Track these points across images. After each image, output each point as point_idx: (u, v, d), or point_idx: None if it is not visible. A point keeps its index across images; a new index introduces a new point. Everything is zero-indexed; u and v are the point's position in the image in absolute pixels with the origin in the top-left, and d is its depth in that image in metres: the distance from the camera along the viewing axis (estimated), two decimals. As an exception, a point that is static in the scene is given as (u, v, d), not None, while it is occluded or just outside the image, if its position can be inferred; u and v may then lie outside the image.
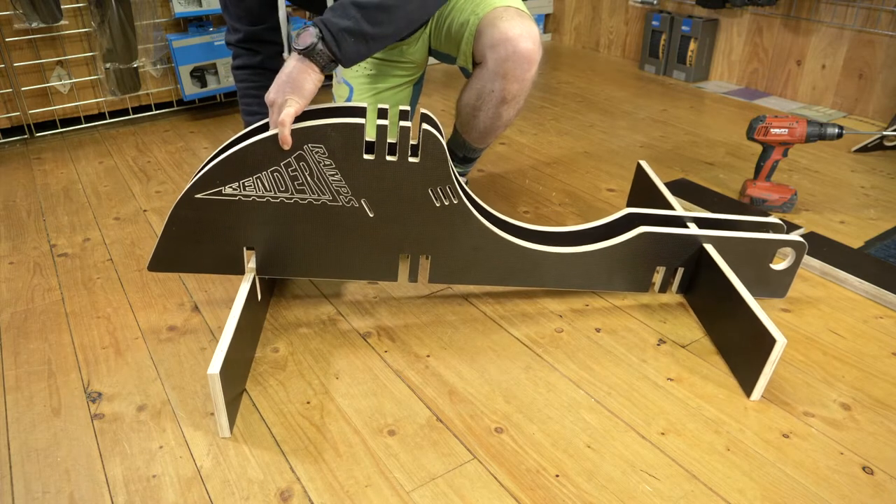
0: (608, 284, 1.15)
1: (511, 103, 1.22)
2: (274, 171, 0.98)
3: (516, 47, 1.13)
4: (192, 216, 1.01)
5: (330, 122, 0.95)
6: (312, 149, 0.96)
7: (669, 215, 1.19)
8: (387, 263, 1.09)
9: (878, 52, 2.04)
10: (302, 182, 0.99)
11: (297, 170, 0.98)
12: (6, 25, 1.84)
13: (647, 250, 1.12)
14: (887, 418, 0.94)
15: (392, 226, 1.05)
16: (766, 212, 1.50)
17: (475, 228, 1.07)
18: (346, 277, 1.10)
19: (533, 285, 1.15)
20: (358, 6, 0.96)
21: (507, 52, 1.14)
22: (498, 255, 1.10)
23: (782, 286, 1.18)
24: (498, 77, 1.17)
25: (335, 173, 0.99)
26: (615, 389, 1.00)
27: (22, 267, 1.33)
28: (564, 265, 1.12)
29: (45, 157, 1.86)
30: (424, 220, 1.05)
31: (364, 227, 1.04)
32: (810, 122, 1.42)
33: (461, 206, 1.04)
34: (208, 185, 0.98)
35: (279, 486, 0.84)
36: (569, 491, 0.83)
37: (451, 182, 1.02)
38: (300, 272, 1.09)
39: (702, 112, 2.20)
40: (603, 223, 1.18)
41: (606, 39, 2.90)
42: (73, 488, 0.84)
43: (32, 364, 1.06)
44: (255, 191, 0.99)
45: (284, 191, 1.00)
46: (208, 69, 2.10)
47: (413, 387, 1.00)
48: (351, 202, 1.02)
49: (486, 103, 1.23)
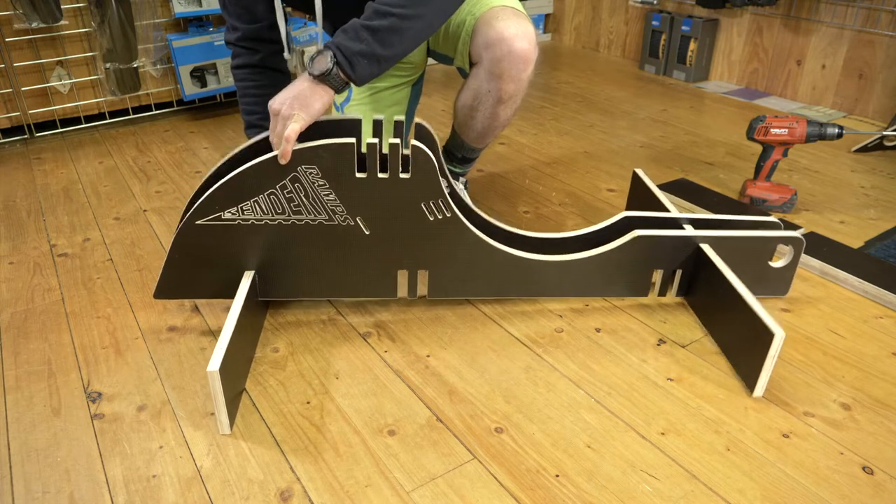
0: (607, 290, 1.16)
1: (508, 103, 1.22)
2: (270, 194, 1.00)
3: (511, 47, 1.13)
4: (193, 243, 1.03)
5: (321, 143, 0.97)
6: (306, 170, 0.98)
7: (666, 217, 1.19)
8: (385, 280, 1.10)
9: (878, 52, 2.04)
10: (298, 203, 1.01)
11: (292, 191, 1.00)
12: (6, 25, 1.84)
13: (642, 254, 1.13)
14: (887, 418, 0.94)
15: (388, 242, 1.06)
16: (766, 212, 1.50)
17: (470, 241, 1.08)
18: (346, 296, 1.13)
19: (532, 294, 1.16)
20: (369, 29, 0.97)
21: (503, 52, 1.14)
22: (495, 266, 1.11)
23: (783, 283, 1.18)
24: (494, 77, 1.17)
25: (330, 193, 1.01)
26: (615, 389, 1.00)
27: (22, 267, 1.33)
28: (561, 273, 1.13)
29: (45, 157, 1.86)
30: (419, 235, 1.06)
31: (361, 245, 1.06)
32: (810, 122, 1.42)
33: (455, 220, 1.05)
34: (208, 212, 1.01)
35: (279, 486, 0.84)
36: (569, 491, 0.83)
37: (443, 196, 1.03)
38: (301, 293, 1.11)
39: (702, 112, 2.20)
40: (599, 228, 1.18)
41: (606, 39, 2.90)
42: (73, 488, 0.84)
43: (32, 364, 1.06)
44: (253, 214, 1.01)
45: (281, 213, 1.02)
46: (208, 69, 2.10)
47: (413, 387, 1.00)
48: (347, 221, 1.03)
49: (482, 104, 1.23)
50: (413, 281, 1.11)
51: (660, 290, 1.17)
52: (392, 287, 1.11)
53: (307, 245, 1.05)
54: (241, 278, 1.06)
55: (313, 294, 1.11)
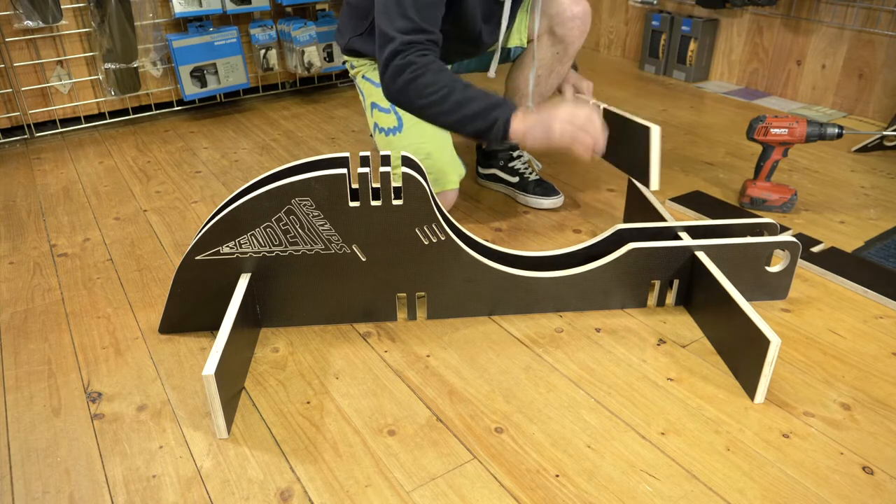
0: (605, 303, 1.16)
1: (570, 60, 1.47)
2: (266, 227, 1.02)
3: (574, 11, 1.40)
4: (194, 278, 1.05)
5: (314, 175, 0.99)
6: (300, 202, 1.00)
7: (661, 227, 1.19)
8: (384, 304, 1.12)
9: (878, 52, 2.04)
10: (294, 235, 1.03)
11: (287, 223, 1.02)
12: (6, 25, 1.84)
13: (638, 266, 1.13)
14: (887, 418, 0.94)
15: (385, 268, 1.08)
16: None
17: (466, 262, 1.09)
18: (347, 322, 1.14)
19: (530, 311, 1.16)
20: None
21: (569, 16, 1.40)
22: (491, 285, 1.12)
23: (781, 288, 1.18)
24: (557, 41, 1.42)
25: (324, 223, 1.03)
26: (615, 389, 1.00)
27: (22, 267, 1.33)
28: (558, 288, 1.14)
29: (45, 157, 1.86)
30: (415, 259, 1.08)
31: (358, 272, 1.08)
32: (810, 122, 1.42)
33: (449, 242, 1.07)
34: (207, 247, 1.03)
35: (279, 486, 0.84)
36: (569, 491, 0.83)
37: (437, 220, 1.05)
38: (301, 320, 1.13)
39: (702, 112, 2.20)
40: (594, 242, 1.19)
41: (606, 39, 2.90)
42: (73, 488, 0.84)
43: (32, 364, 1.06)
44: (251, 247, 1.04)
45: (278, 244, 1.04)
46: (208, 69, 2.10)
47: (413, 387, 1.00)
48: (343, 249, 1.06)
49: (550, 68, 1.45)
50: (412, 304, 1.13)
51: (658, 300, 1.17)
52: (391, 311, 1.13)
53: (305, 274, 1.07)
54: None
55: (314, 321, 1.13)
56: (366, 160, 1.02)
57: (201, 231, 1.03)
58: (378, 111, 1.37)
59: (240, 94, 2.33)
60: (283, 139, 1.97)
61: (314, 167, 1.04)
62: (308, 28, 2.18)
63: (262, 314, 1.11)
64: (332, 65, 2.31)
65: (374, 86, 1.38)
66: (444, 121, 1.20)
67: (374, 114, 1.37)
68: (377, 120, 1.37)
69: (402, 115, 1.33)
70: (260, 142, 1.95)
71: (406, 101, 1.20)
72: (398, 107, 1.27)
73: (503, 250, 1.17)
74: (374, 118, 1.38)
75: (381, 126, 1.36)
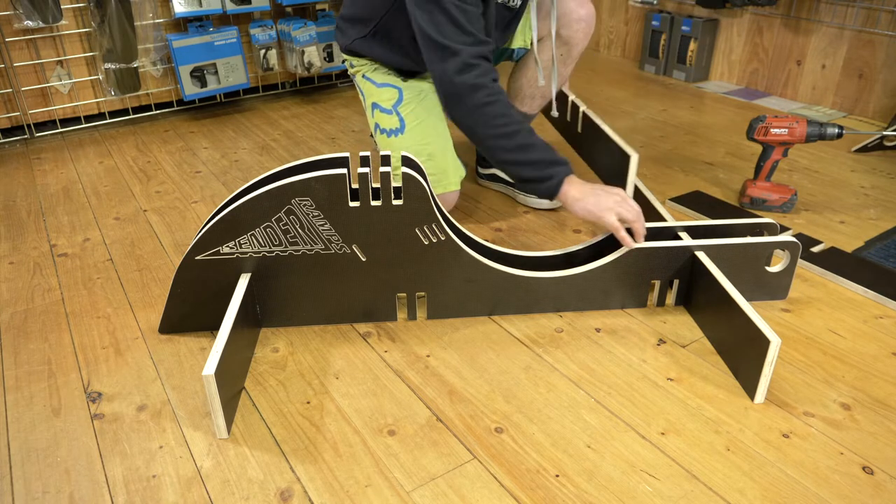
0: (605, 303, 1.16)
1: (574, 62, 1.49)
2: (266, 227, 1.02)
3: (579, 14, 1.40)
4: (194, 278, 1.05)
5: (314, 175, 0.99)
6: (300, 202, 1.00)
7: (661, 227, 1.19)
8: (384, 304, 1.12)
9: (878, 52, 2.04)
10: (294, 235, 1.03)
11: (287, 224, 1.02)
12: (6, 25, 1.84)
13: (638, 266, 1.13)
14: (887, 418, 0.94)
15: (384, 268, 1.08)
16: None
17: (466, 262, 1.09)
18: (347, 322, 1.14)
19: (530, 311, 1.16)
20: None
21: (574, 18, 1.40)
22: (491, 285, 1.12)
23: (781, 288, 1.18)
24: (562, 42, 1.42)
25: (324, 223, 1.03)
26: (615, 389, 1.00)
27: (22, 267, 1.33)
28: (558, 288, 1.14)
29: (45, 157, 1.86)
30: (415, 259, 1.08)
31: (358, 272, 1.08)
32: (810, 122, 1.42)
33: (449, 242, 1.07)
34: (207, 247, 1.03)
35: (279, 486, 0.84)
36: (569, 491, 0.83)
37: (437, 220, 1.05)
38: (301, 320, 1.13)
39: (702, 112, 2.20)
40: (594, 242, 1.19)
41: (606, 39, 2.90)
42: (73, 488, 0.84)
43: (32, 364, 1.06)
44: (250, 247, 1.03)
45: (279, 244, 1.04)
46: (208, 69, 2.10)
47: (413, 387, 1.00)
48: (343, 249, 1.06)
49: (555, 69, 1.43)
50: (412, 304, 1.13)
51: (658, 300, 1.17)
52: (391, 311, 1.13)
53: (305, 274, 1.07)
54: None
55: (315, 321, 1.13)
56: (366, 160, 1.02)
57: (201, 231, 1.03)
58: (379, 112, 1.36)
59: (240, 94, 2.33)
60: (283, 139, 1.97)
61: (314, 167, 1.04)
62: (308, 28, 2.18)
63: (262, 314, 1.11)
64: (332, 65, 2.31)
65: (375, 86, 1.38)
66: (500, 156, 1.19)
67: (376, 114, 1.37)
68: (378, 121, 1.36)
69: (404, 117, 1.33)
70: (260, 142, 1.95)
71: (471, 122, 1.18)
72: (455, 123, 1.22)
73: (503, 250, 1.17)
74: (375, 119, 1.37)
75: (383, 127, 1.36)
